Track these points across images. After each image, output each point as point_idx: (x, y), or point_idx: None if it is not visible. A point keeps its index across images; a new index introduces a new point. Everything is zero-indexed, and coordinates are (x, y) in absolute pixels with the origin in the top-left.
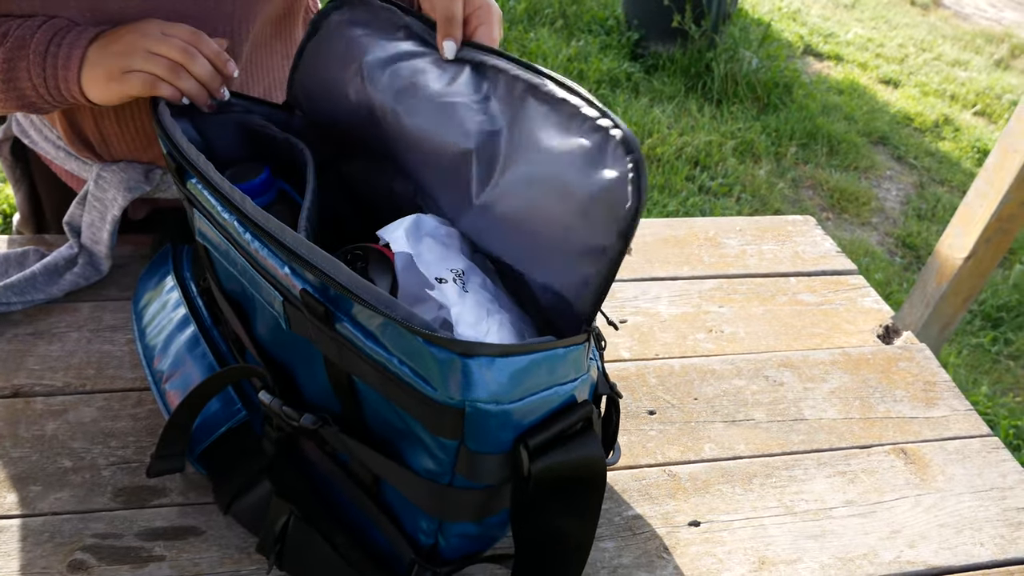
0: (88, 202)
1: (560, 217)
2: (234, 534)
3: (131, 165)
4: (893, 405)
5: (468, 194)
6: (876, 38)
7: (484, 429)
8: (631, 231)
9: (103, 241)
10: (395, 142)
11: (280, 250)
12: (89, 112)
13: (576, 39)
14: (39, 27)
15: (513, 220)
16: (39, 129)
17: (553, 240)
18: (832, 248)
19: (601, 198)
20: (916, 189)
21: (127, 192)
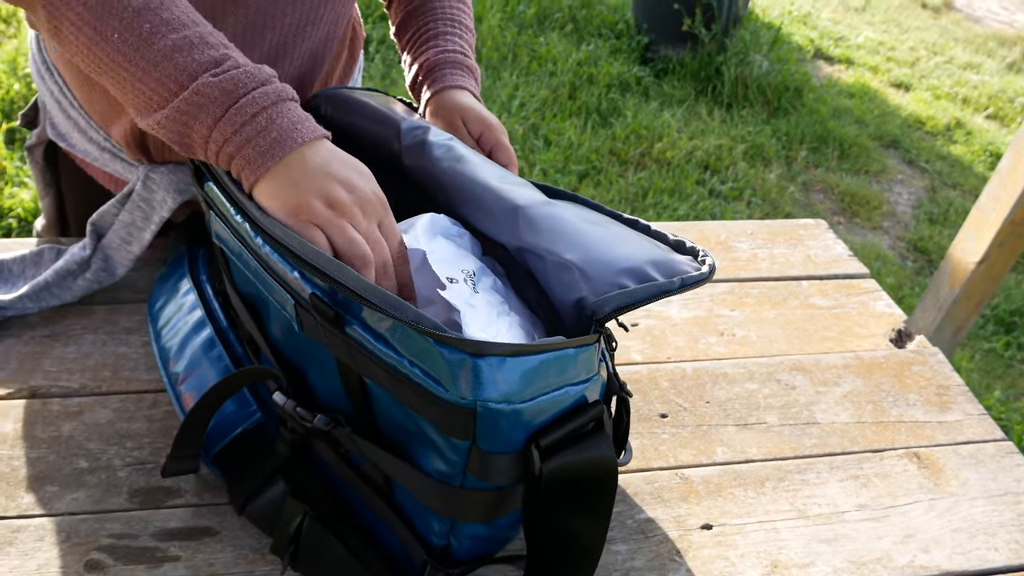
0: (132, 202)
1: (617, 244)
2: (248, 534)
3: (180, 167)
4: (906, 409)
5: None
6: (887, 41)
7: (495, 429)
8: (691, 287)
9: (141, 241)
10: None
11: (288, 255)
12: None
13: (586, 43)
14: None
15: (561, 226)
16: (83, 131)
17: (601, 251)
18: (844, 252)
19: (672, 260)
20: (928, 193)
21: (177, 194)
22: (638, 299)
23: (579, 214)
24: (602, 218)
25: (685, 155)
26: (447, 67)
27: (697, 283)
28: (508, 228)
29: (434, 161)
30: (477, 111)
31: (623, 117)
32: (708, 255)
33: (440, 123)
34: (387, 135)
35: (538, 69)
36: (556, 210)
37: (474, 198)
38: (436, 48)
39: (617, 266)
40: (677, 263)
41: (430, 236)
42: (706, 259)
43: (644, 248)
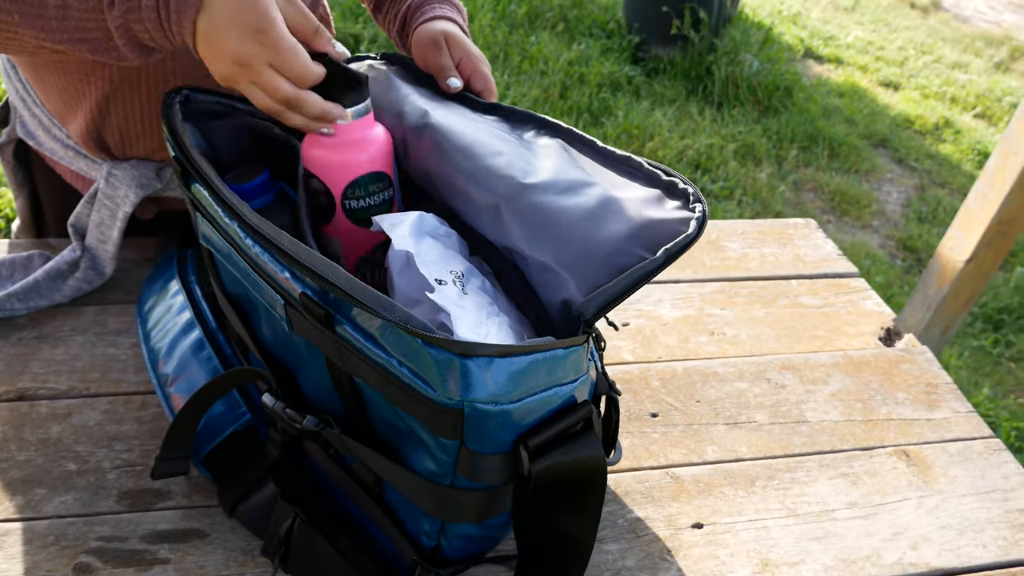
0: (98, 200)
1: (597, 224)
2: (238, 537)
3: (142, 163)
4: (895, 407)
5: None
6: (876, 41)
7: (484, 429)
8: (676, 256)
9: (112, 239)
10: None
11: (279, 254)
12: (119, 109)
13: (577, 42)
14: None
15: (540, 219)
16: (47, 129)
17: (580, 241)
18: (833, 251)
19: (657, 223)
20: (917, 192)
21: (139, 189)
22: (622, 290)
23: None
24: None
25: (676, 154)
26: (432, 2)
27: (683, 249)
28: (493, 225)
29: (414, 155)
30: (459, 37)
31: (614, 116)
32: (700, 201)
33: (424, 48)
34: None
35: (529, 68)
36: (536, 197)
37: (458, 192)
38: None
39: (599, 255)
40: (664, 223)
41: (418, 237)
42: (696, 206)
43: (630, 212)
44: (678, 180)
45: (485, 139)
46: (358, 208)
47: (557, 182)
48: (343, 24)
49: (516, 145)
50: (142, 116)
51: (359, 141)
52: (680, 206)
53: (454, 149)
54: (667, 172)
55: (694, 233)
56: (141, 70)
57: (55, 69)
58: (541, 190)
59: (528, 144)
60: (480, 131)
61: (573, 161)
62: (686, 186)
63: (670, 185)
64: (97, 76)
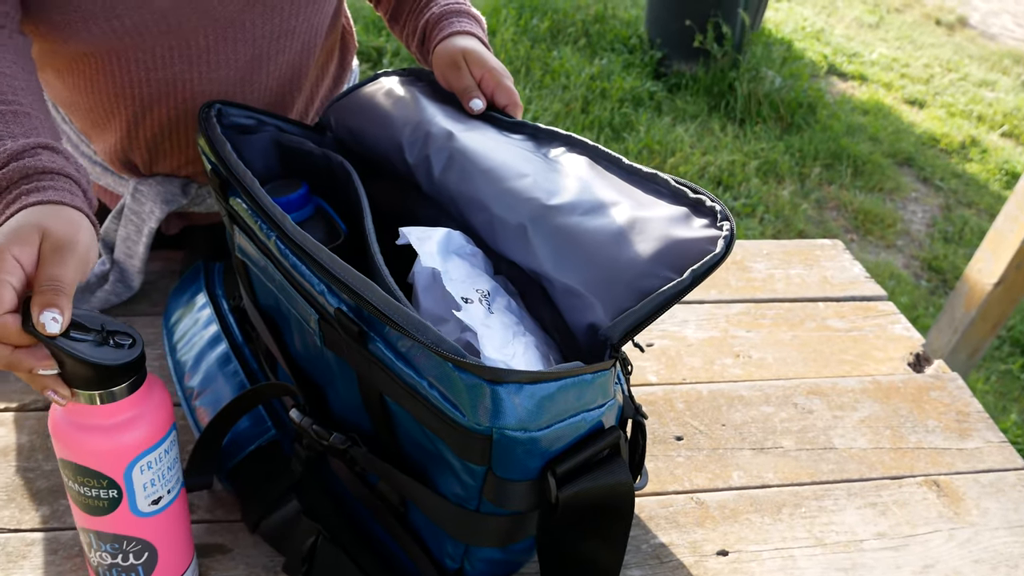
0: (124, 216)
1: (623, 245)
2: (261, 552)
3: (168, 179)
4: (925, 435)
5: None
6: (901, 58)
7: (512, 456)
8: (704, 277)
9: (138, 255)
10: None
11: (316, 269)
12: (146, 130)
13: (599, 57)
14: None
15: (565, 241)
16: (75, 145)
17: (606, 263)
18: (861, 273)
19: (684, 242)
20: (942, 211)
21: (164, 205)
22: (648, 313)
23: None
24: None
25: (698, 171)
26: (450, 16)
27: (710, 270)
28: (519, 247)
29: (439, 177)
30: (478, 53)
31: (636, 132)
32: (728, 219)
33: (445, 68)
34: (395, 148)
35: (551, 83)
36: (561, 219)
37: (483, 214)
38: (436, 4)
39: (626, 277)
40: (691, 242)
41: (445, 255)
42: (724, 224)
43: (656, 232)
44: (705, 197)
45: (510, 160)
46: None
47: (582, 202)
48: (365, 37)
49: (541, 165)
50: (170, 135)
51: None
52: (707, 224)
53: (480, 171)
54: (694, 189)
55: (722, 252)
56: (170, 91)
57: (83, 91)
58: (566, 211)
59: (554, 163)
60: (505, 152)
61: (599, 180)
62: (713, 204)
63: (697, 203)
64: (126, 98)
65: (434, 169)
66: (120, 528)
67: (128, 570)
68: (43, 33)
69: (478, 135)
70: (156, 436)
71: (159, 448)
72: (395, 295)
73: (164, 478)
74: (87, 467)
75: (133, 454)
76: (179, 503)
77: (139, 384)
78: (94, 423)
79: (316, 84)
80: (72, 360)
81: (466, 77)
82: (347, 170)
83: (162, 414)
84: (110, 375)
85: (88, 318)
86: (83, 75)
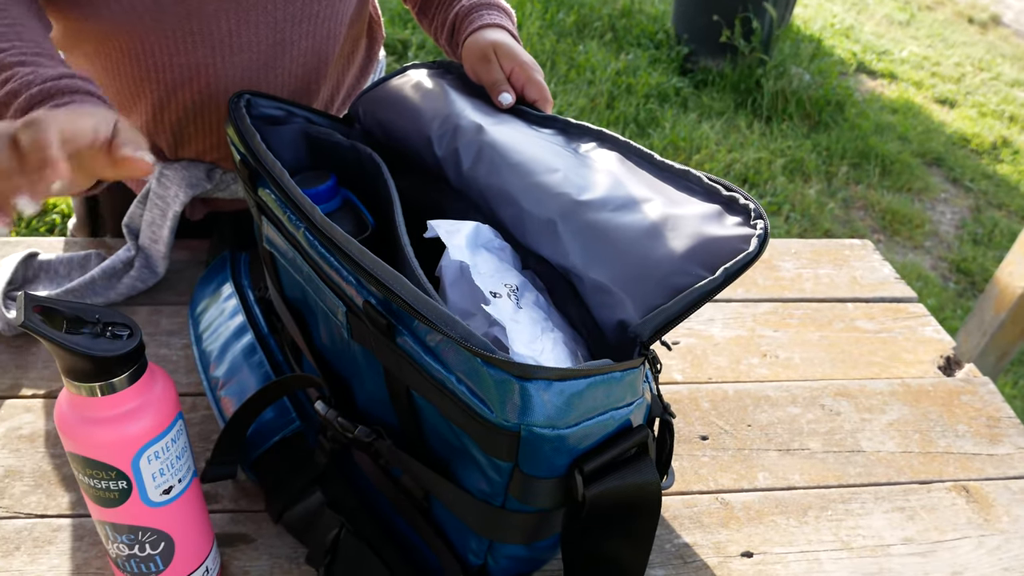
0: (150, 200)
1: (655, 242)
2: (284, 543)
3: (193, 163)
4: (955, 440)
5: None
6: (932, 56)
7: (539, 453)
8: (736, 276)
9: (162, 239)
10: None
11: (345, 261)
12: (171, 113)
13: (625, 52)
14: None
15: (596, 237)
16: None
17: (637, 260)
18: (891, 274)
19: (716, 240)
20: (972, 213)
21: (189, 189)
22: (679, 311)
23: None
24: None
25: (724, 168)
26: (480, 9)
27: (743, 268)
28: (548, 242)
29: (468, 170)
30: (509, 47)
31: (661, 128)
32: (761, 217)
33: (475, 62)
34: (423, 141)
35: (576, 78)
36: (592, 214)
37: (512, 208)
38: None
39: (657, 275)
40: (723, 240)
41: (473, 248)
42: (758, 223)
43: (688, 229)
44: (739, 195)
45: (540, 155)
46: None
47: (613, 198)
48: (391, 29)
49: (572, 160)
50: (194, 119)
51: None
52: (741, 222)
53: (509, 165)
54: (727, 187)
55: (755, 251)
56: (194, 75)
57: (110, 74)
58: (597, 207)
59: (584, 158)
60: (535, 146)
61: (630, 176)
62: (747, 201)
63: (730, 200)
64: (150, 82)
65: (463, 162)
66: (133, 519)
67: (146, 560)
68: (63, 9)
69: (508, 129)
70: (161, 426)
71: (165, 437)
72: (425, 289)
73: (173, 467)
74: (94, 459)
75: (139, 444)
76: (192, 491)
77: (140, 374)
78: (97, 415)
79: (342, 73)
80: (69, 353)
81: (496, 71)
82: (376, 162)
83: (166, 403)
84: (108, 366)
85: (84, 311)
86: (109, 58)
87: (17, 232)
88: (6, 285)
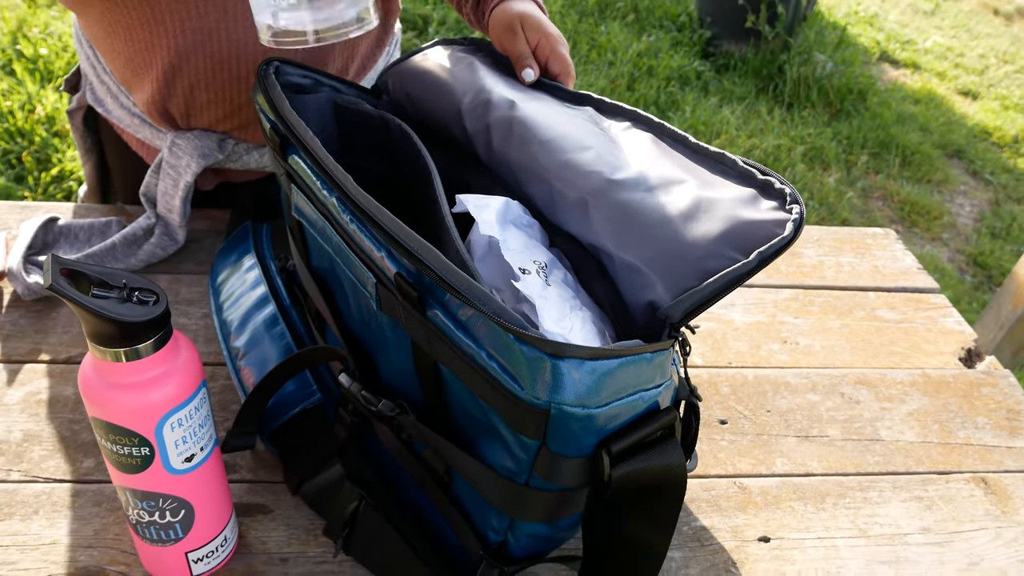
0: (163, 170)
1: (688, 224)
2: (301, 515)
3: (205, 133)
4: (974, 432)
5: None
6: (956, 47)
7: (567, 432)
8: (770, 260)
9: (176, 209)
10: (505, 156)
11: (378, 232)
12: (184, 80)
13: (647, 34)
14: None
15: (628, 217)
16: (115, 96)
17: (670, 241)
18: (913, 264)
19: (751, 224)
20: (991, 206)
21: (201, 159)
22: (711, 294)
23: (655, 170)
24: (681, 167)
25: (743, 154)
26: None
27: (777, 253)
28: (578, 220)
29: (499, 145)
30: (536, 18)
31: (681, 111)
32: (797, 202)
33: (501, 32)
34: (454, 116)
35: (597, 58)
36: (624, 194)
37: (542, 185)
38: None
39: (689, 257)
40: (758, 224)
41: (503, 224)
42: (793, 208)
43: (722, 212)
44: (774, 179)
45: (573, 132)
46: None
47: (647, 179)
48: (412, 5)
49: (605, 139)
50: (206, 86)
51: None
52: (776, 207)
53: (540, 142)
54: (762, 171)
55: (791, 235)
56: (204, 40)
57: (121, 37)
58: (630, 187)
59: (617, 137)
60: (568, 123)
61: (664, 157)
62: (783, 186)
63: (766, 184)
64: (161, 48)
65: (493, 137)
66: (155, 486)
67: (166, 528)
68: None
69: (540, 105)
70: (185, 393)
71: (189, 405)
72: (464, 262)
73: (196, 435)
74: (118, 425)
75: (162, 411)
76: (213, 460)
77: (164, 341)
78: (122, 381)
79: (356, 42)
80: (96, 317)
81: (521, 43)
82: (405, 132)
83: (190, 371)
84: (134, 332)
85: (111, 275)
86: (119, 23)
87: (33, 197)
88: (26, 249)
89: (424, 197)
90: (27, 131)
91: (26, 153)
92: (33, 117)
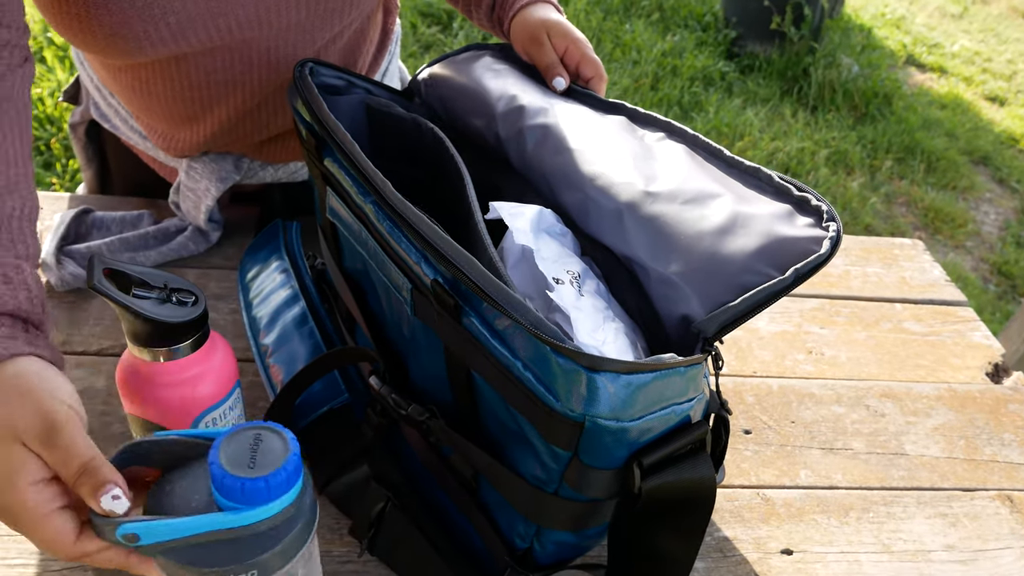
0: (182, 192)
1: (724, 239)
2: (327, 514)
3: (222, 156)
4: (1000, 449)
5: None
6: (984, 52)
7: (600, 444)
8: (807, 277)
9: (202, 223)
10: (537, 164)
11: (416, 239)
12: (208, 125)
13: (672, 33)
14: None
15: (664, 230)
16: (124, 119)
17: (706, 255)
18: (941, 276)
19: (787, 240)
20: (1017, 214)
21: (219, 183)
22: (746, 310)
23: (691, 183)
24: (716, 181)
25: (766, 156)
26: None
27: (814, 270)
28: (613, 231)
29: (532, 152)
30: (562, 25)
31: (704, 112)
32: (834, 219)
33: (526, 42)
34: (487, 121)
35: (621, 57)
36: (660, 206)
37: (576, 194)
38: None
39: (725, 272)
40: (794, 241)
41: (536, 232)
42: (830, 225)
43: (759, 227)
44: (811, 196)
45: (607, 141)
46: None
47: (683, 191)
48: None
49: (639, 149)
50: (228, 131)
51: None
52: (812, 223)
53: (575, 150)
54: (799, 187)
55: (827, 253)
56: (228, 92)
57: (138, 92)
58: (666, 199)
59: (652, 148)
60: (602, 132)
61: (699, 169)
62: (819, 203)
63: (802, 201)
64: (184, 100)
65: (527, 144)
66: None
67: None
68: (100, 58)
69: (574, 113)
70: (221, 393)
71: (224, 404)
72: (498, 271)
73: None
74: (154, 423)
75: (198, 410)
76: None
77: (202, 341)
78: (159, 380)
79: (356, 49)
80: (136, 317)
81: (549, 52)
82: (439, 137)
83: (226, 371)
84: (173, 332)
85: (152, 276)
86: (137, 77)
87: (61, 184)
88: (60, 240)
89: (456, 202)
90: (56, 118)
91: (55, 140)
92: (62, 105)
